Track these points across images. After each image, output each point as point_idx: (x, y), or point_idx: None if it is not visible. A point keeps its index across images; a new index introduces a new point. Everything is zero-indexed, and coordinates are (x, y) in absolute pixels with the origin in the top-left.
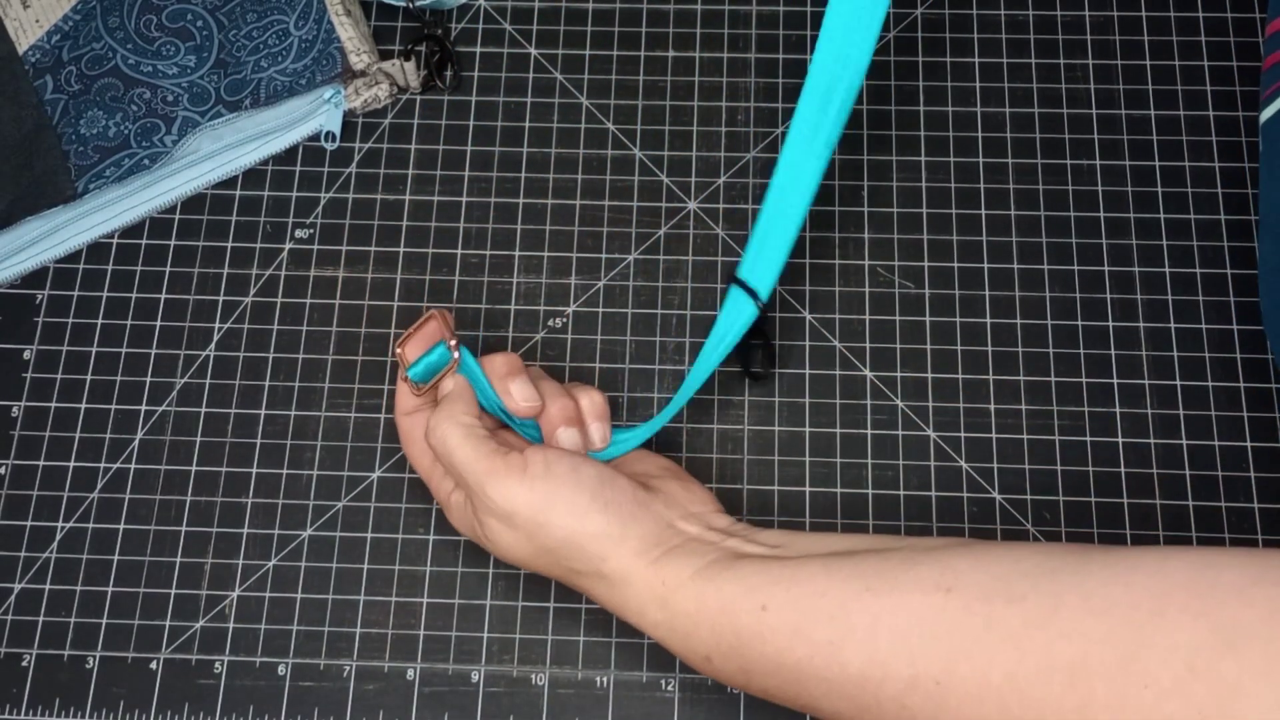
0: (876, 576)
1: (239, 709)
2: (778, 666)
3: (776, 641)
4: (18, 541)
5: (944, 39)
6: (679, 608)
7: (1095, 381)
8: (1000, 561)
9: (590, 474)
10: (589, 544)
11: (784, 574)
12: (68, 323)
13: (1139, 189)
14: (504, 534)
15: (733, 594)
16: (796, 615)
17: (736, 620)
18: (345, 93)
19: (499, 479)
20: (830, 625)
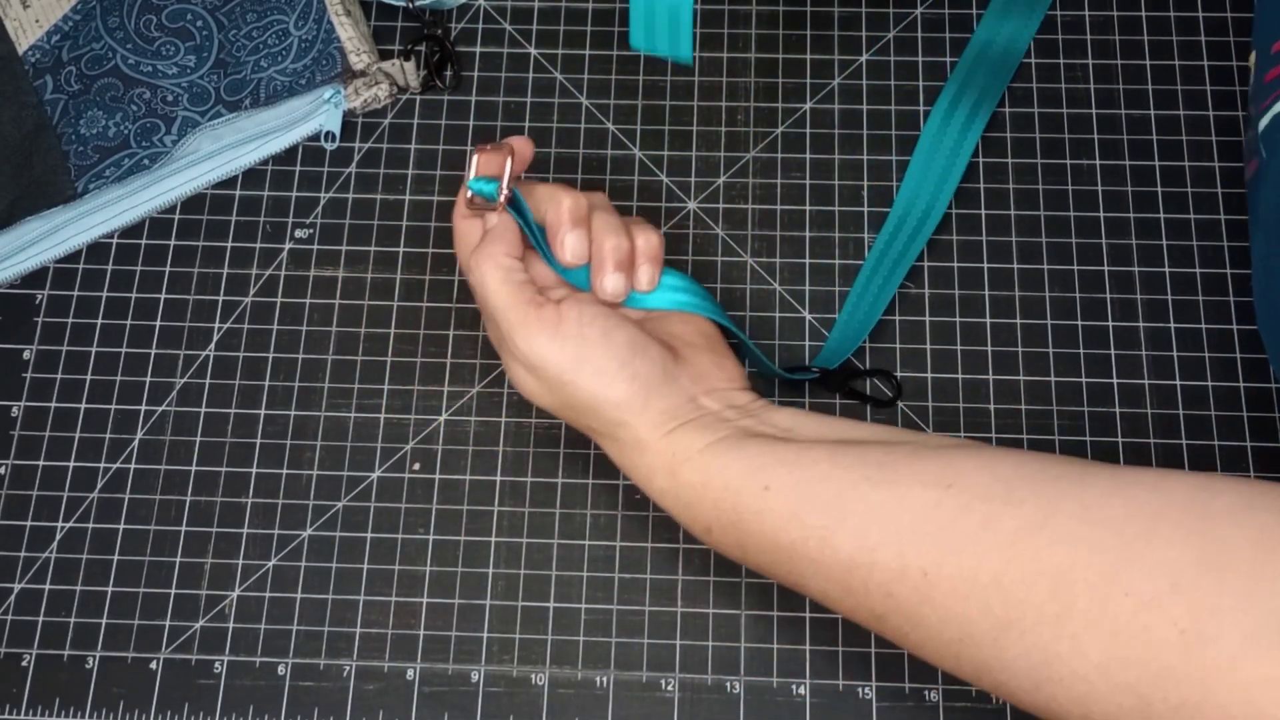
0: (878, 468)
1: (239, 709)
2: (774, 545)
3: (774, 521)
4: (18, 541)
5: (944, 39)
6: (685, 479)
7: (1095, 381)
8: (1004, 464)
9: (623, 341)
10: (610, 410)
11: (789, 456)
12: (68, 323)
13: (1139, 189)
14: (527, 380)
15: (738, 471)
16: (796, 498)
17: (739, 497)
18: (345, 93)
19: (530, 331)
20: (826, 511)
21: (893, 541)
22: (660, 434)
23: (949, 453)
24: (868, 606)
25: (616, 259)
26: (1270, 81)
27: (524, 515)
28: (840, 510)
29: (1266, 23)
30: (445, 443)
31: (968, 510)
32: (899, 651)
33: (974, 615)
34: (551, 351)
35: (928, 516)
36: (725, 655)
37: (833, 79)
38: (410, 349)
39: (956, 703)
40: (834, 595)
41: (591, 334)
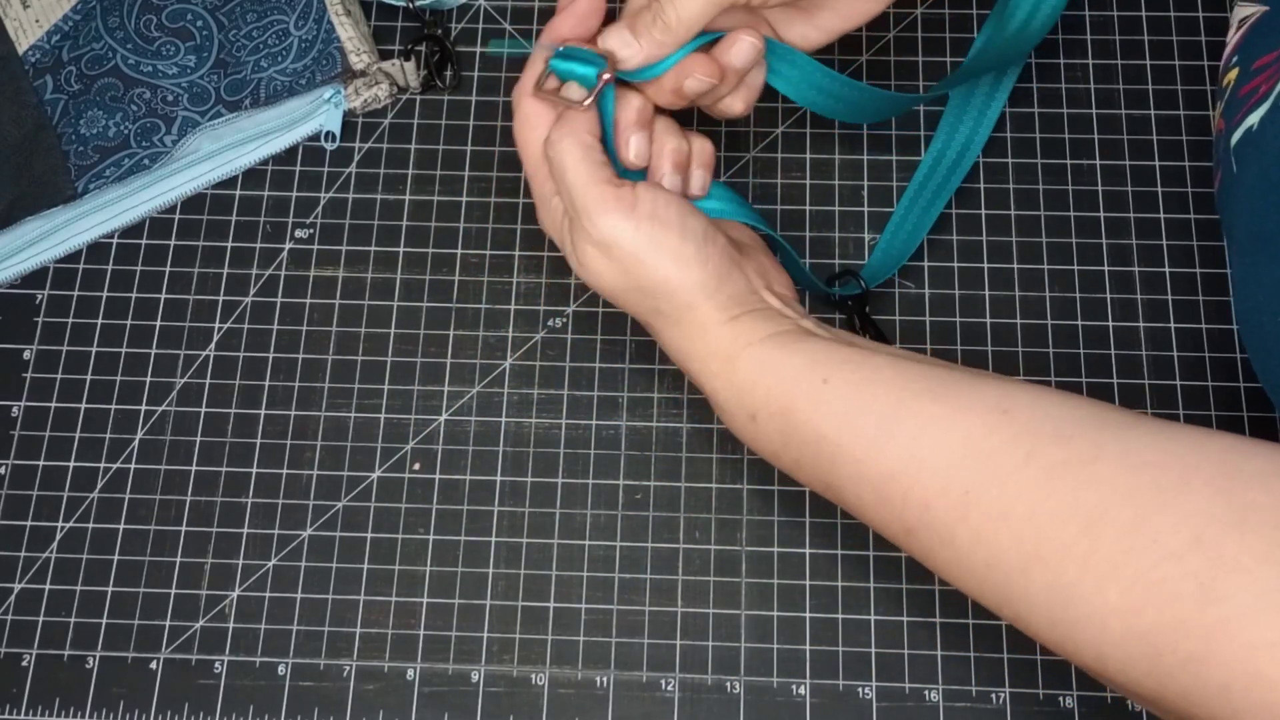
0: (941, 384)
1: (239, 709)
2: (819, 440)
3: (827, 417)
4: (18, 541)
5: (944, 39)
6: (743, 363)
7: (1095, 381)
8: (1058, 403)
9: (697, 225)
10: (681, 292)
11: (853, 356)
12: (68, 323)
13: (1139, 189)
14: (598, 260)
15: (799, 363)
16: (854, 397)
17: (795, 387)
18: (345, 93)
19: (607, 209)
20: (883, 417)
21: (941, 457)
22: (725, 318)
23: (1009, 382)
24: (900, 519)
25: (675, 160)
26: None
27: (524, 515)
28: (896, 417)
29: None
30: (445, 443)
31: (1016, 440)
32: (899, 651)
33: (1005, 543)
34: (628, 230)
35: (980, 439)
36: (725, 655)
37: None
38: (410, 349)
39: (956, 703)
40: (868, 502)
41: (668, 215)
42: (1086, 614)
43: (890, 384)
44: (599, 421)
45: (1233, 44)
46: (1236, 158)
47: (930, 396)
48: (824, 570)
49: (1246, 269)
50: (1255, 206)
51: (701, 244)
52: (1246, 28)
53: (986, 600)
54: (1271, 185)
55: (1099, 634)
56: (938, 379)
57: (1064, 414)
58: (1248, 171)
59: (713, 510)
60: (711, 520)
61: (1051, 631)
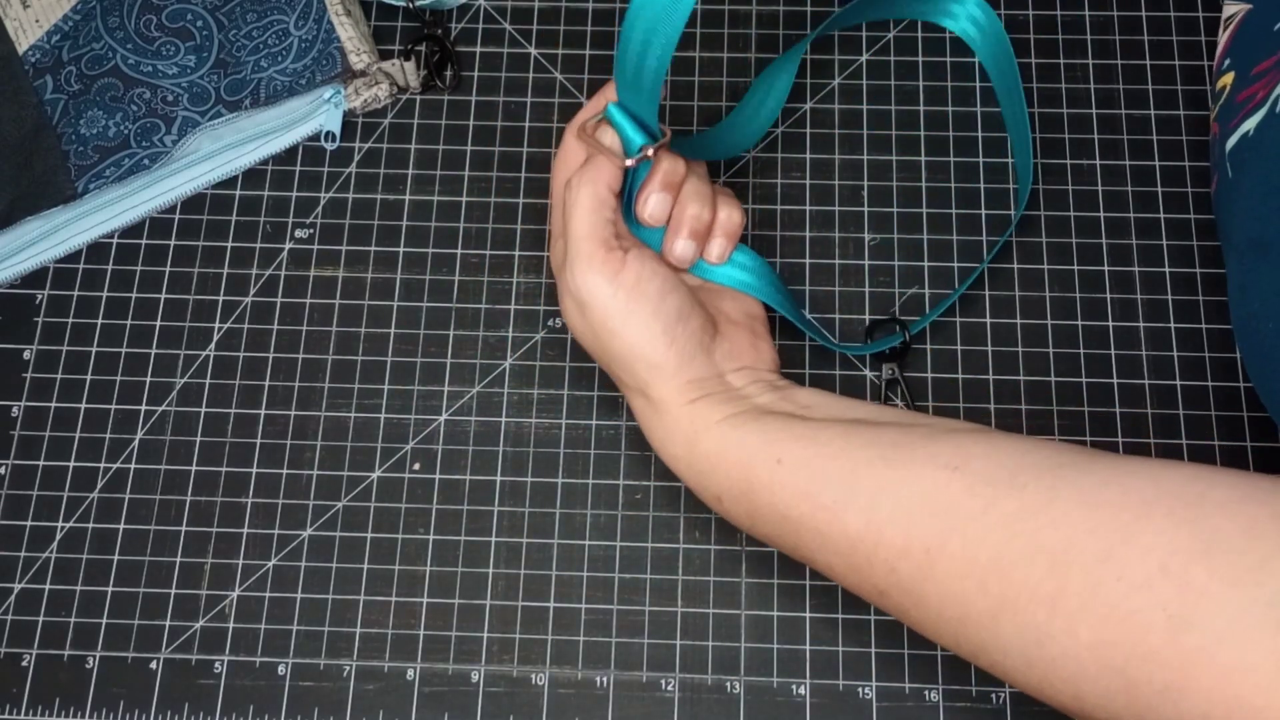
0: (892, 447)
1: (239, 709)
2: (782, 518)
3: (785, 494)
4: (18, 541)
5: (944, 39)
6: (701, 448)
7: (1095, 381)
8: (1011, 453)
9: (672, 306)
10: (642, 369)
11: (804, 432)
12: (68, 323)
13: (1139, 189)
14: (574, 314)
15: (754, 444)
16: (808, 473)
17: (752, 469)
18: (345, 93)
19: (592, 268)
20: (837, 487)
21: (900, 519)
22: (683, 401)
23: (960, 436)
24: (871, 582)
25: (693, 227)
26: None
27: (524, 515)
28: (851, 487)
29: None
30: (445, 443)
31: (972, 492)
32: (899, 651)
33: (972, 594)
34: (604, 295)
35: (934, 496)
36: (725, 655)
37: (833, 79)
38: (410, 349)
39: (956, 703)
40: (839, 569)
41: (647, 290)
42: (1060, 653)
43: (840, 455)
44: (599, 421)
45: (1223, 45)
46: (1232, 163)
47: (882, 462)
48: None
49: (1244, 275)
50: (1253, 212)
51: (672, 324)
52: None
53: (963, 652)
54: (1269, 192)
55: (1075, 671)
56: (889, 443)
57: (1016, 462)
58: (1244, 177)
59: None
60: (711, 520)
61: (1028, 674)
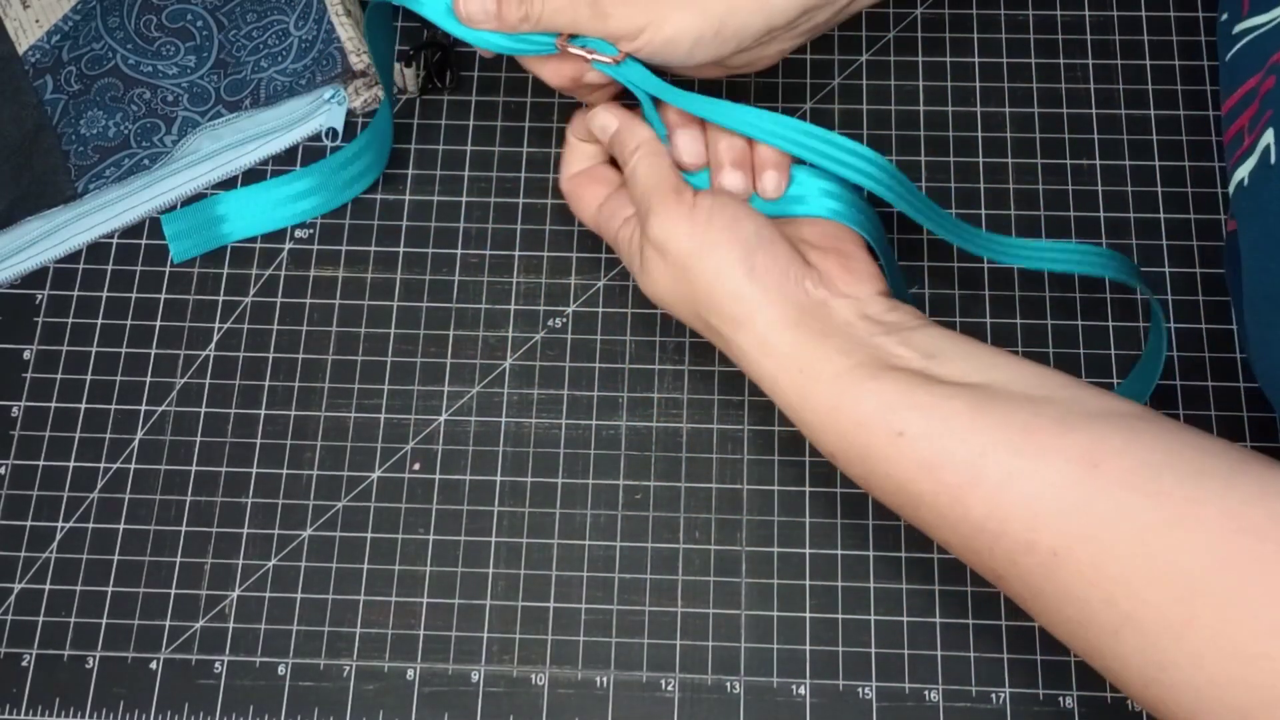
0: (1022, 433)
1: (239, 709)
2: (899, 488)
3: (905, 467)
4: (18, 541)
5: (944, 39)
6: (813, 403)
7: (1095, 381)
8: (1153, 449)
9: (747, 232)
10: (727, 303)
11: (928, 401)
12: (68, 323)
13: (1139, 189)
14: (657, 266)
15: (871, 409)
16: (931, 451)
17: (870, 436)
18: (345, 93)
19: (667, 212)
20: (962, 470)
21: (1026, 514)
22: (787, 338)
23: (1099, 425)
24: (990, 567)
25: (732, 157)
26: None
27: (524, 515)
28: (976, 472)
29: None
30: (445, 443)
31: (1107, 494)
32: (899, 651)
33: (1096, 604)
34: (680, 232)
35: (1066, 495)
36: (725, 655)
37: (833, 79)
38: (410, 349)
39: (956, 703)
40: (955, 547)
41: (719, 221)
42: (1183, 681)
43: (968, 436)
44: (599, 421)
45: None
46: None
47: (1011, 449)
48: (824, 570)
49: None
50: (1265, 267)
51: (747, 253)
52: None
53: (1076, 648)
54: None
55: (1193, 702)
56: (1019, 427)
57: (1159, 462)
58: (1249, 227)
59: (713, 510)
60: (711, 520)
61: (1145, 692)
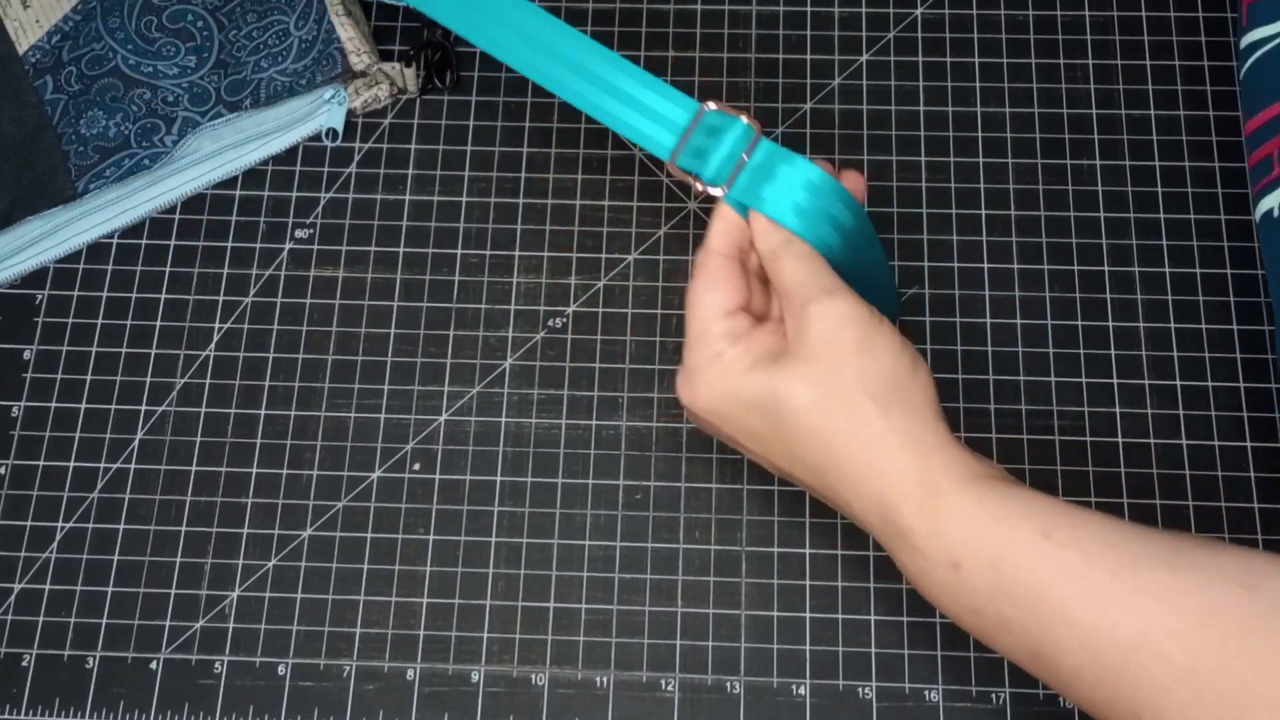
0: (1174, 551)
1: (239, 709)
2: (1037, 598)
3: (1050, 574)
4: (18, 541)
5: (944, 39)
6: (950, 502)
7: (1095, 381)
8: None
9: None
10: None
11: (1069, 510)
12: (68, 323)
13: (1139, 189)
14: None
15: (1014, 510)
16: (1079, 555)
17: (1009, 537)
18: (345, 92)
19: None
20: (1114, 580)
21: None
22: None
23: (1239, 551)
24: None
25: None
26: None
27: (524, 515)
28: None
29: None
30: (445, 443)
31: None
32: (899, 651)
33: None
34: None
35: (1224, 616)
36: (725, 655)
37: (833, 79)
38: (410, 349)
39: (956, 703)
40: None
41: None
42: None
43: (1118, 545)
44: (599, 421)
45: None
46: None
47: (1165, 565)
48: (824, 570)
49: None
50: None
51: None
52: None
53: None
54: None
55: None
56: (1169, 545)
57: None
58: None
59: (713, 510)
60: (711, 520)
61: None
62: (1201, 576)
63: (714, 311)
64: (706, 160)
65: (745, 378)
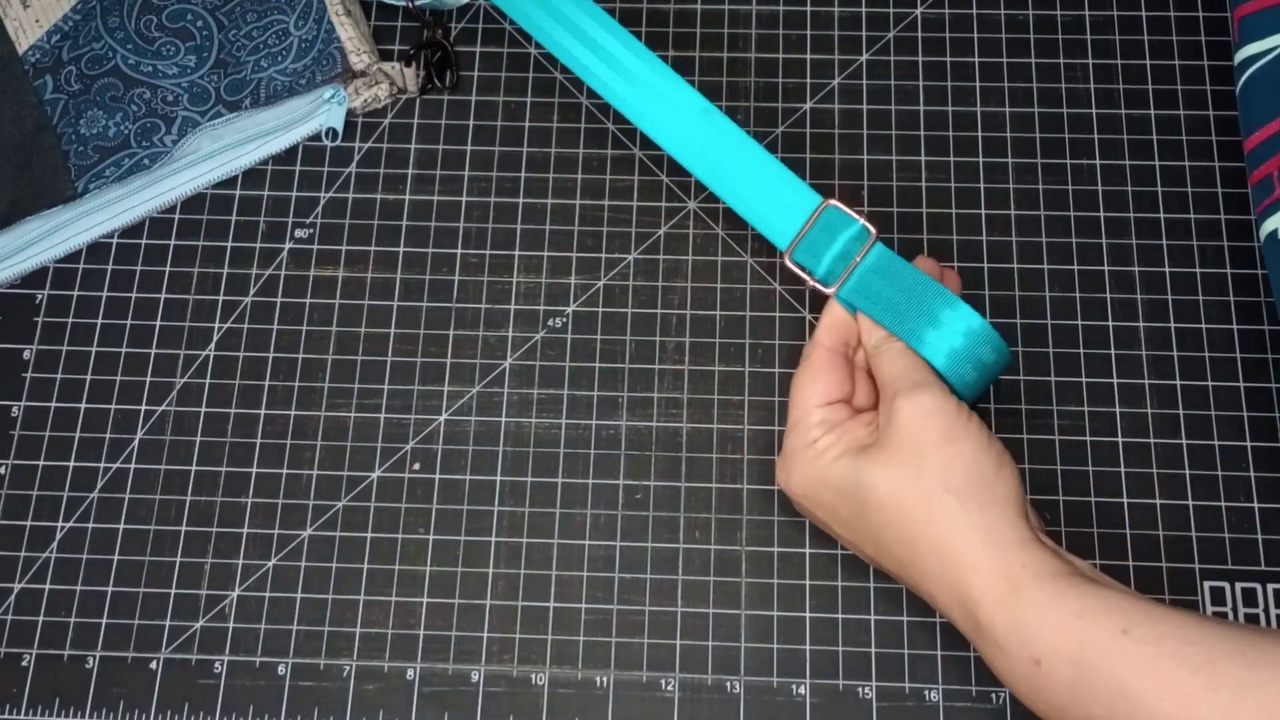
0: (1251, 646)
1: (239, 709)
2: (1119, 695)
3: (1131, 671)
4: (18, 541)
5: (944, 39)
6: (1030, 596)
7: (1095, 381)
8: None
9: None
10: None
11: (1149, 607)
12: (68, 323)
13: (1139, 189)
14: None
15: (1094, 606)
16: (1158, 651)
17: (1091, 632)
18: (345, 92)
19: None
20: (1194, 676)
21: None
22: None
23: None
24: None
25: None
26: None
27: (524, 515)
28: (1210, 677)
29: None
30: (445, 443)
31: None
32: (899, 651)
33: None
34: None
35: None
36: (725, 655)
37: (833, 79)
38: (410, 349)
39: (956, 703)
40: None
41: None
42: None
43: (1197, 642)
44: (599, 421)
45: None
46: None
47: (1243, 660)
48: (824, 570)
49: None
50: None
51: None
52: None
53: None
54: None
55: None
56: (1246, 639)
57: None
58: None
59: (713, 510)
60: (711, 520)
61: None
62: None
63: (814, 400)
64: (819, 257)
65: (835, 465)
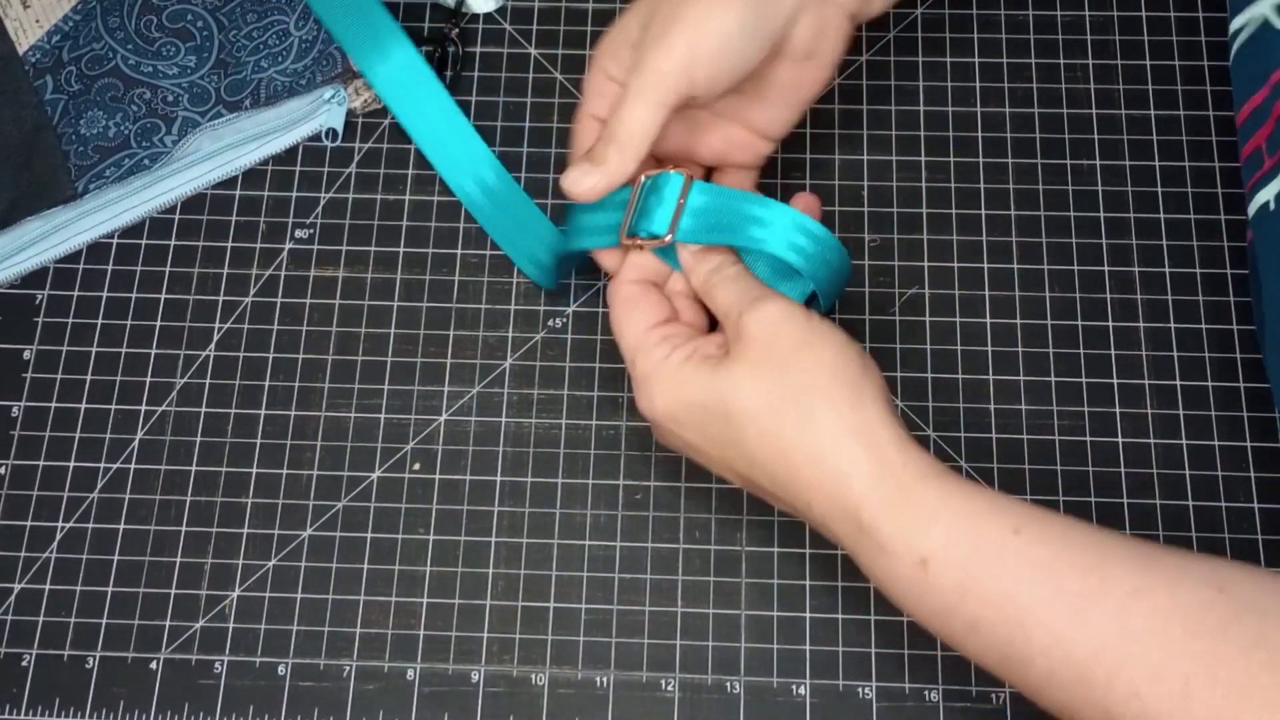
0: (1143, 554)
1: (239, 709)
2: (1006, 599)
3: (1019, 573)
4: (18, 541)
5: (944, 39)
6: (917, 497)
7: (1095, 381)
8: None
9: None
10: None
11: (1036, 509)
12: (68, 323)
13: (1139, 189)
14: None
15: (983, 507)
16: (1050, 552)
17: (980, 533)
18: (345, 92)
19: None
20: (1085, 578)
21: (1155, 635)
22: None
23: (1211, 557)
24: (1102, 703)
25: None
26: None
27: (524, 515)
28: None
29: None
30: (445, 443)
31: (1239, 621)
32: (899, 651)
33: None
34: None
35: (1197, 617)
36: (725, 655)
37: (833, 79)
38: (410, 349)
39: (956, 703)
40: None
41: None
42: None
43: (1088, 546)
44: (599, 421)
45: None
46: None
47: (1136, 565)
48: (824, 570)
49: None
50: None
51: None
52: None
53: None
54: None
55: None
56: (1138, 548)
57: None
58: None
59: (713, 510)
60: (711, 520)
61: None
62: (1170, 576)
63: (642, 325)
64: (653, 216)
65: (695, 376)
